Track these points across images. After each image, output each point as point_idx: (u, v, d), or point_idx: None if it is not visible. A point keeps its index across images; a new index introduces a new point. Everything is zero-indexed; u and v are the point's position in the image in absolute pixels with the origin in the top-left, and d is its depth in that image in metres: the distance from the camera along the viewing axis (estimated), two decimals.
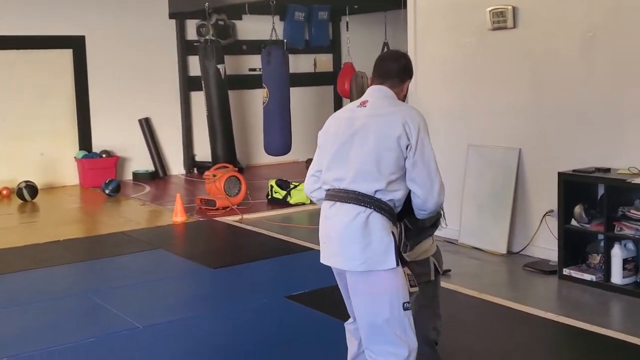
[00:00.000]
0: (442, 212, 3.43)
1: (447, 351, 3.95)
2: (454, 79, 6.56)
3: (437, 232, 6.50)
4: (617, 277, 5.00)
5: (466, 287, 5.15)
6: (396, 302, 2.83)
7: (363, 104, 3.00)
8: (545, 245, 5.71)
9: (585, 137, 5.47)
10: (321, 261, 3.02)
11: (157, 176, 10.70)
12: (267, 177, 8.90)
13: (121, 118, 10.54)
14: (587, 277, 5.14)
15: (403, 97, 3.10)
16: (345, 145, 2.94)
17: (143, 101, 10.67)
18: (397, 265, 2.83)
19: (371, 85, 3.12)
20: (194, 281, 5.54)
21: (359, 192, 2.86)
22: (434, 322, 3.47)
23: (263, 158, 10.96)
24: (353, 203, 2.86)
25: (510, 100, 6.04)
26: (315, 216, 8.21)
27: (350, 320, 3.15)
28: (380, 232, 2.82)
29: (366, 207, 2.84)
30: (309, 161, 11.53)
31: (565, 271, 5.27)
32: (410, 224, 3.14)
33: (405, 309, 2.85)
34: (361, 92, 7.12)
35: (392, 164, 2.85)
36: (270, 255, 6.21)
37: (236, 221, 7.60)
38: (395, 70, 3.04)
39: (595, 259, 5.22)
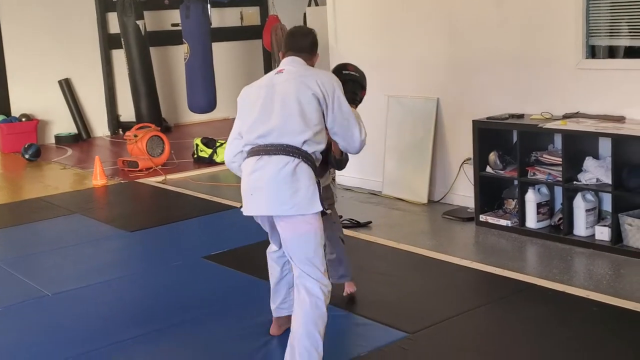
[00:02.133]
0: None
1: (362, 302, 3.98)
2: (372, 30, 6.47)
3: (361, 185, 6.57)
4: (531, 221, 5.06)
5: (385, 237, 5.16)
6: (320, 241, 3.16)
7: (280, 71, 3.29)
8: (464, 192, 5.75)
9: (500, 84, 5.48)
10: (246, 213, 3.23)
11: (81, 139, 10.41)
12: (194, 136, 8.72)
13: (40, 80, 10.18)
14: (503, 222, 5.19)
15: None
16: (267, 108, 3.18)
17: (62, 61, 10.31)
18: (322, 209, 3.14)
19: (283, 58, 3.38)
20: (110, 246, 5.40)
21: (286, 144, 3.12)
22: (341, 232, 4.03)
23: (191, 116, 10.75)
24: (281, 154, 3.11)
25: (427, 50, 5.99)
26: None
27: (274, 248, 3.51)
28: (307, 180, 3.10)
29: (294, 157, 3.10)
30: None
31: (482, 217, 5.32)
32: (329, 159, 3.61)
33: (324, 249, 3.24)
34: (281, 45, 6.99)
35: (315, 116, 3.14)
36: (191, 215, 6.10)
37: (159, 182, 7.45)
38: (307, 44, 3.38)
39: (511, 204, 5.27)
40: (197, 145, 8.28)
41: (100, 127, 10.79)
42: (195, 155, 8.29)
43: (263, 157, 3.13)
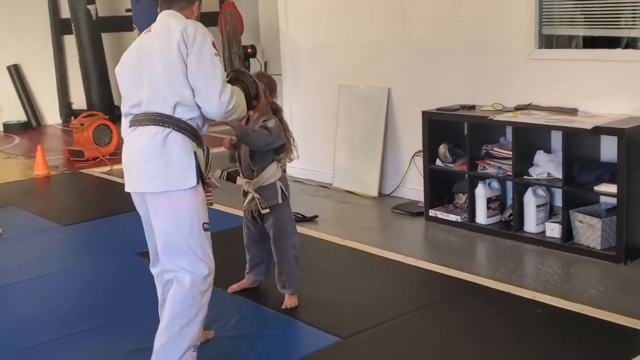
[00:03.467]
0: (292, 141, 3.76)
1: (301, 301, 3.75)
2: (324, 16, 6.23)
3: (311, 176, 6.34)
4: (481, 217, 4.87)
5: (331, 233, 4.94)
6: (196, 221, 2.86)
7: (149, 29, 2.97)
8: (415, 186, 5.54)
9: (452, 74, 5.28)
10: (126, 190, 3.01)
11: (30, 127, 10.05)
12: None
13: None
14: (453, 217, 5.00)
15: (196, 18, 3.04)
16: (137, 73, 2.89)
17: (11, 47, 9.93)
18: (197, 183, 2.84)
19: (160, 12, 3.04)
20: (40, 240, 5.11)
21: (157, 113, 2.83)
22: (291, 240, 3.72)
23: None
24: (152, 124, 2.83)
25: (379, 37, 5.76)
26: None
27: (154, 264, 3.15)
28: (180, 151, 2.82)
29: (164, 126, 2.81)
30: None
31: (432, 212, 5.12)
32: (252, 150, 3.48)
33: (205, 229, 2.89)
34: (232, 31, 6.72)
35: (182, 77, 2.82)
36: (132, 208, 5.79)
37: (104, 173, 7.15)
38: None
39: (462, 199, 5.08)
40: None
41: (51, 115, 10.44)
42: None
43: (137, 128, 2.87)
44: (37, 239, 5.13)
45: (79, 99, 10.33)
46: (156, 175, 2.81)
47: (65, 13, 10.09)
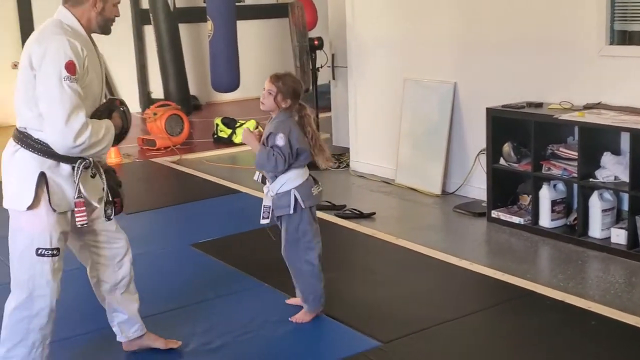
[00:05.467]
0: (319, 145, 3.43)
1: (340, 303, 3.68)
2: (390, 9, 6.09)
3: (375, 171, 6.23)
4: (545, 220, 4.66)
5: (386, 231, 4.82)
6: (28, 244, 2.73)
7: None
8: (480, 185, 5.34)
9: (519, 70, 5.06)
10: None
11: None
12: (222, 115, 8.47)
13: None
14: (515, 219, 4.81)
15: (98, 16, 2.82)
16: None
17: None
18: (35, 205, 2.68)
19: None
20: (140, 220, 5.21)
21: (16, 128, 2.76)
22: (306, 255, 3.41)
23: (223, 95, 10.51)
24: (12, 139, 2.78)
25: (446, 30, 5.59)
26: None
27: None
28: (22, 170, 2.70)
29: (16, 143, 2.74)
30: None
31: (494, 213, 4.93)
32: None
33: (39, 254, 2.73)
34: (301, 25, 6.67)
35: (32, 94, 2.66)
36: (194, 198, 5.87)
37: (173, 162, 7.25)
38: None
39: (526, 200, 4.88)
40: (217, 125, 8.05)
41: (131, 103, 10.50)
42: (215, 135, 8.06)
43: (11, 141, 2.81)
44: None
45: (158, 89, 10.52)
46: (4, 191, 2.75)
47: (146, 4, 10.27)
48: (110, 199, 2.89)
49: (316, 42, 6.59)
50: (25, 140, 2.70)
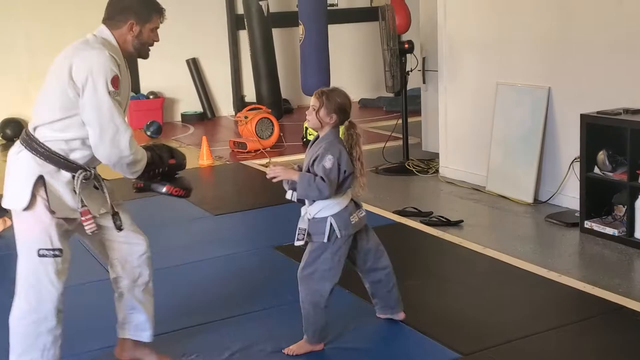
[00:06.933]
0: (361, 170, 3.20)
1: (421, 312, 3.61)
2: (483, 11, 5.96)
3: (465, 178, 6.09)
4: None
5: (473, 240, 4.70)
6: (30, 246, 2.75)
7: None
8: (574, 194, 5.13)
9: (616, 74, 4.85)
10: None
11: (206, 117, 10.53)
12: None
13: (168, 59, 10.27)
14: (609, 230, 4.60)
15: (134, 40, 2.88)
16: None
17: (190, 41, 10.42)
18: (31, 208, 2.73)
19: None
20: (193, 227, 5.32)
21: (25, 130, 2.84)
22: (318, 284, 3.16)
23: None
24: (19, 140, 2.85)
25: (540, 33, 5.41)
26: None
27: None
28: (22, 171, 2.76)
29: (21, 144, 2.80)
30: (360, 101, 11.14)
31: (587, 224, 4.74)
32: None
33: (41, 255, 2.75)
34: (391, 28, 6.61)
35: (57, 100, 2.74)
36: (279, 202, 5.84)
37: (263, 165, 7.33)
38: (113, 10, 2.87)
39: (621, 210, 4.66)
40: (306, 128, 8.08)
41: (225, 106, 10.87)
42: (305, 139, 8.10)
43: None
44: (188, 227, 5.34)
45: (251, 92, 10.68)
46: (4, 191, 2.81)
47: (241, 9, 10.44)
48: (115, 210, 2.95)
49: (406, 46, 6.52)
50: (30, 143, 2.77)
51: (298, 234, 3.17)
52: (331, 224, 3.11)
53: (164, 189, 3.00)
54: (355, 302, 3.76)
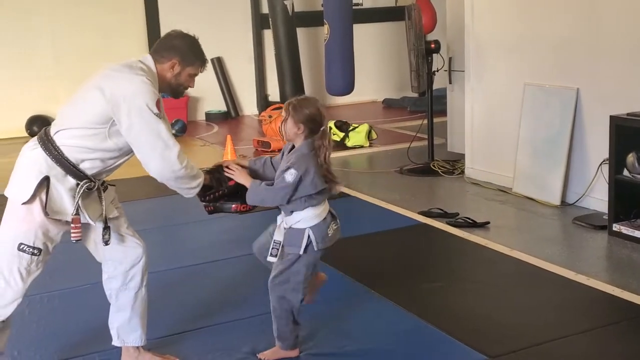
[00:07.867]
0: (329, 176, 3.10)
1: (447, 313, 3.58)
2: (511, 11, 5.89)
3: (491, 179, 6.03)
4: None
5: (499, 242, 4.65)
6: (13, 237, 2.80)
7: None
8: (602, 196, 5.06)
9: None
10: None
11: (230, 116, 10.55)
12: (338, 118, 8.46)
13: None
14: (638, 234, 4.53)
15: (172, 78, 2.98)
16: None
17: (215, 40, 10.42)
18: (29, 204, 2.77)
19: None
20: (214, 226, 5.30)
21: (44, 129, 2.89)
22: (290, 294, 3.07)
23: (338, 98, 10.55)
24: (36, 137, 2.90)
25: (569, 33, 5.34)
26: (374, 159, 7.83)
27: None
28: (31, 167, 2.80)
29: (38, 141, 2.85)
30: (384, 101, 11.10)
31: (615, 227, 4.67)
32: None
33: (20, 249, 2.80)
34: (417, 28, 6.57)
35: (88, 114, 2.81)
36: None
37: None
38: (160, 46, 3.00)
39: None
40: (330, 128, 8.05)
41: (249, 106, 10.88)
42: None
43: None
44: (208, 226, 5.32)
45: (275, 92, 10.68)
46: (10, 179, 2.86)
47: (266, 8, 10.45)
48: (110, 222, 2.97)
49: (433, 45, 6.47)
50: (47, 143, 2.82)
51: (272, 248, 3.07)
52: (309, 236, 3.02)
53: (232, 208, 3.11)
54: (380, 303, 3.73)
